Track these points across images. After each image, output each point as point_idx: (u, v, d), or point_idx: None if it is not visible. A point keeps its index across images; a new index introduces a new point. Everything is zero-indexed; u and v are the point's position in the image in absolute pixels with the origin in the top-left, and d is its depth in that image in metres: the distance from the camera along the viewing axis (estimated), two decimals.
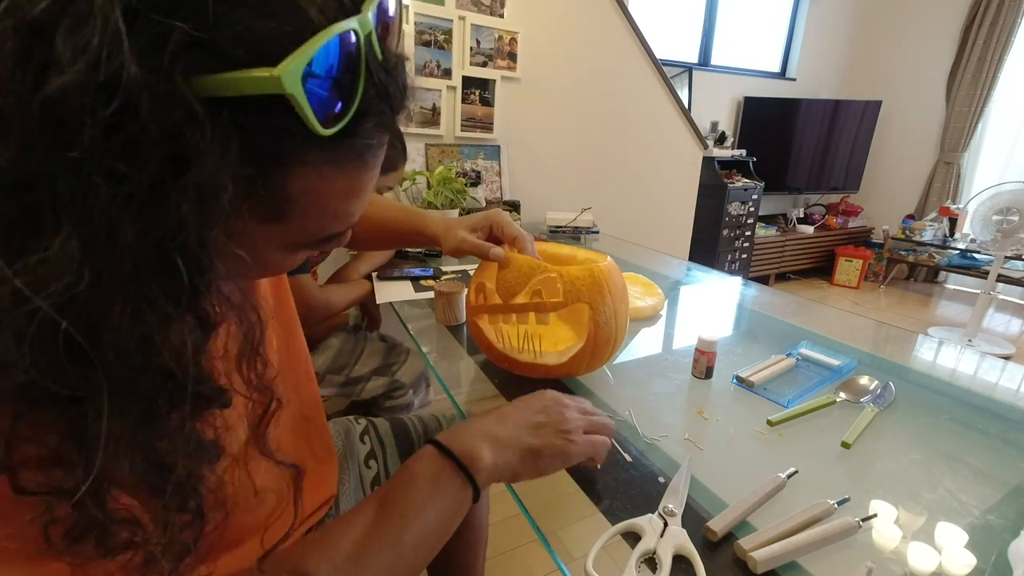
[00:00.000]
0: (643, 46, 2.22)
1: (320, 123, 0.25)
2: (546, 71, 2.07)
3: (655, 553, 0.43)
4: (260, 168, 0.25)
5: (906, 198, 4.11)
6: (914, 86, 3.97)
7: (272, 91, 0.23)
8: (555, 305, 0.66)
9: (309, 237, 0.31)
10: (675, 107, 2.42)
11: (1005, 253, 2.71)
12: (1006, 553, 0.45)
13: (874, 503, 0.50)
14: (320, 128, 0.25)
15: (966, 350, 0.94)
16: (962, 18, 3.63)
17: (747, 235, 3.52)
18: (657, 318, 0.99)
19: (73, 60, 0.19)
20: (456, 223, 0.75)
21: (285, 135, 0.25)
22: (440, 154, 1.94)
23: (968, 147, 3.74)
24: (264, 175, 0.25)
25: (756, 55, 3.90)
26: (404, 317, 0.98)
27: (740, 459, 0.58)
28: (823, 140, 3.86)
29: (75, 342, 0.21)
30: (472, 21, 1.85)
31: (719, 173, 3.36)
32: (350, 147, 0.28)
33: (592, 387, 0.72)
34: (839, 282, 4.02)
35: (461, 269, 1.31)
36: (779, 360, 0.79)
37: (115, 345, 0.22)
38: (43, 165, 0.20)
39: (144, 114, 0.20)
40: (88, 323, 0.21)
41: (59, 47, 0.19)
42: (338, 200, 0.30)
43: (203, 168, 0.22)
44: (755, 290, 1.27)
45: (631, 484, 0.53)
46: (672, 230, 2.66)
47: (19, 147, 0.20)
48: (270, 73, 0.22)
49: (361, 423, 0.80)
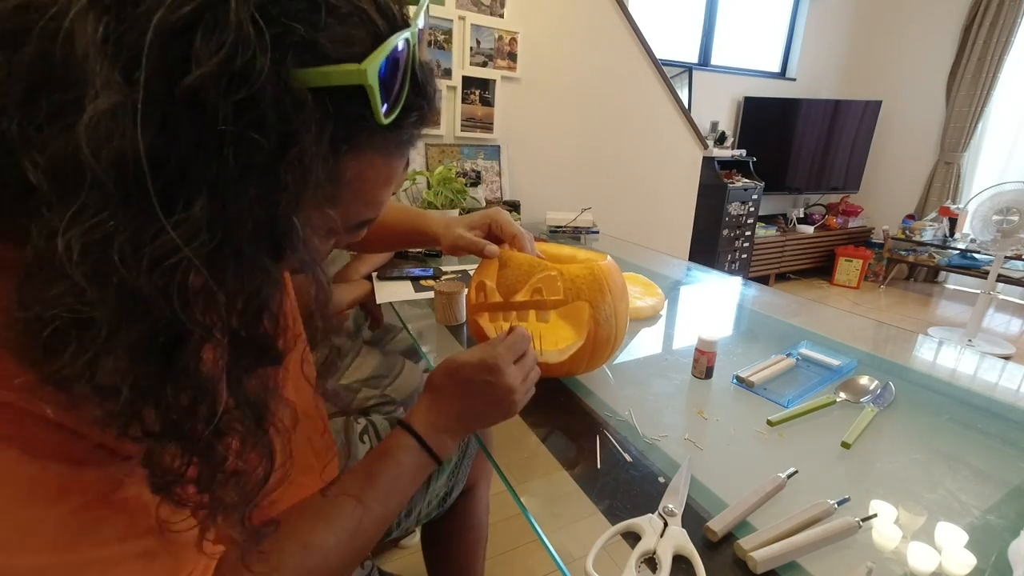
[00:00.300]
0: (643, 46, 2.22)
1: (383, 114, 0.30)
2: (546, 71, 2.07)
3: (655, 553, 0.43)
4: (335, 150, 0.29)
5: (906, 198, 4.11)
6: (914, 86, 3.97)
7: (356, 82, 0.27)
8: (555, 303, 0.66)
9: (348, 221, 0.35)
10: (675, 107, 2.42)
11: (1005, 253, 2.71)
12: (1006, 553, 0.45)
13: (874, 503, 0.50)
14: (383, 118, 0.30)
15: (966, 350, 0.94)
16: (962, 18, 3.63)
17: (747, 235, 3.52)
18: (657, 318, 0.99)
19: (211, 55, 0.23)
20: (455, 221, 0.75)
21: (360, 121, 0.30)
22: (440, 154, 1.94)
23: (968, 147, 3.74)
24: (335, 158, 0.30)
25: (756, 55, 3.90)
26: (404, 317, 0.98)
27: (740, 459, 0.58)
28: (823, 140, 3.86)
29: (209, 290, 0.26)
30: (472, 21, 1.85)
31: (719, 173, 3.35)
32: (395, 138, 0.33)
33: (592, 387, 0.72)
34: (839, 282, 4.02)
35: (461, 269, 1.31)
36: (779, 360, 0.79)
37: (230, 295, 0.27)
38: (183, 141, 0.24)
39: (266, 99, 0.24)
40: (213, 274, 0.26)
41: (198, 45, 0.23)
42: (377, 187, 0.34)
43: (304, 145, 0.26)
44: (755, 290, 1.27)
45: (631, 484, 0.53)
46: (672, 230, 2.66)
47: (160, 127, 0.23)
48: (357, 68, 0.27)
49: (361, 423, 0.81)
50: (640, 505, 0.49)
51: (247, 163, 0.25)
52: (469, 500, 0.91)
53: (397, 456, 0.48)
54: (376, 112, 0.29)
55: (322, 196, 0.30)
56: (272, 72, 0.24)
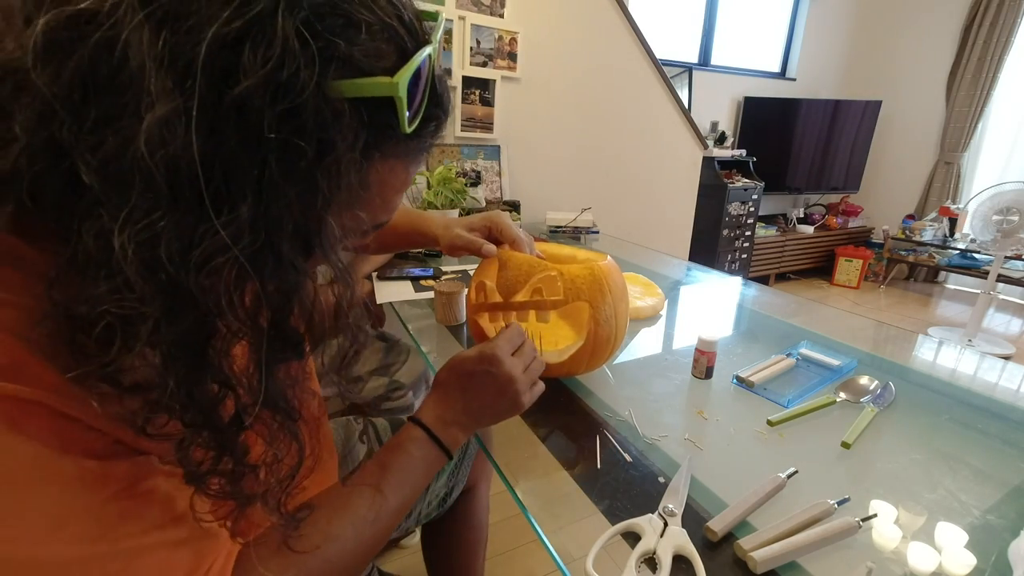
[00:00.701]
0: (643, 46, 2.22)
1: (407, 123, 0.31)
2: (546, 71, 2.06)
3: (655, 553, 0.43)
4: (368, 157, 0.31)
5: (906, 198, 4.11)
6: (914, 86, 3.97)
7: (387, 94, 0.29)
8: (555, 303, 0.66)
9: (364, 225, 0.36)
10: (675, 107, 2.42)
11: (1005, 253, 2.71)
12: (1006, 553, 0.45)
13: (874, 503, 0.50)
14: (407, 127, 0.31)
15: (966, 350, 0.94)
16: (962, 18, 3.63)
17: (747, 235, 3.51)
18: (657, 318, 0.99)
19: (259, 67, 0.24)
20: (455, 222, 0.76)
21: (387, 130, 0.31)
22: (440, 154, 1.94)
23: (968, 147, 3.74)
24: (368, 164, 0.31)
25: (756, 55, 3.90)
26: (404, 317, 0.98)
27: (740, 459, 0.58)
28: (823, 140, 3.86)
29: (251, 287, 0.28)
30: (472, 21, 1.85)
31: (719, 173, 3.35)
32: (416, 146, 0.35)
33: (592, 387, 0.72)
34: (839, 282, 4.02)
35: (461, 269, 1.31)
36: (779, 360, 0.79)
37: (268, 291, 0.29)
38: (231, 147, 0.25)
39: (308, 109, 0.26)
40: (256, 272, 0.27)
41: (247, 57, 0.24)
42: (393, 191, 0.36)
43: (340, 152, 0.28)
44: (755, 290, 1.27)
45: (631, 484, 0.53)
46: (672, 230, 2.66)
47: (209, 133, 0.24)
48: (390, 80, 0.29)
49: (360, 423, 0.81)
50: (640, 505, 0.49)
51: (289, 168, 0.27)
52: (469, 500, 0.91)
53: (408, 448, 0.49)
54: (402, 121, 0.31)
55: (352, 199, 0.32)
56: (314, 83, 0.26)
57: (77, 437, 0.28)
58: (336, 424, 0.78)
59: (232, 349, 0.30)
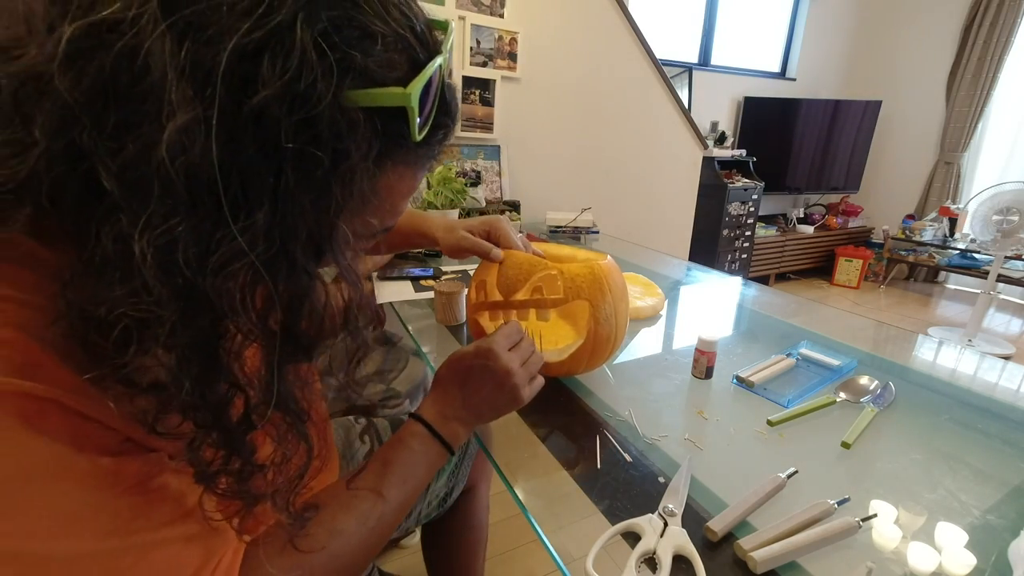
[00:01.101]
0: (643, 46, 2.22)
1: (418, 132, 0.32)
2: (546, 71, 2.06)
3: (655, 553, 0.43)
4: (380, 165, 0.31)
5: (906, 198, 4.11)
6: (914, 86, 3.97)
7: (400, 104, 0.30)
8: (555, 302, 0.66)
9: (373, 229, 0.37)
10: (675, 107, 2.42)
11: (1005, 253, 2.71)
12: (1006, 553, 0.45)
13: (874, 503, 0.50)
14: (417, 135, 0.32)
15: (966, 350, 0.94)
16: (962, 18, 3.63)
17: (747, 235, 3.51)
18: (657, 318, 0.99)
19: (278, 77, 0.25)
20: (456, 224, 0.76)
21: (398, 139, 0.32)
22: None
23: (968, 147, 3.74)
24: (380, 172, 0.32)
25: (756, 55, 3.90)
26: (404, 317, 0.98)
27: (740, 459, 0.58)
28: (823, 140, 3.86)
29: (264, 291, 0.28)
30: (472, 21, 1.85)
31: (719, 173, 3.35)
32: (425, 153, 0.36)
33: (592, 387, 0.72)
34: (839, 282, 4.02)
35: (461, 269, 1.31)
36: (779, 360, 0.79)
37: (281, 296, 0.29)
38: (249, 154, 0.25)
39: (325, 118, 0.27)
40: (271, 276, 0.28)
41: (266, 67, 0.25)
42: (400, 197, 0.37)
43: (355, 160, 0.29)
44: (755, 290, 1.27)
45: (631, 484, 0.53)
46: (672, 230, 2.66)
47: (228, 141, 0.25)
48: (403, 91, 0.30)
49: (361, 423, 0.81)
50: (640, 505, 0.49)
51: (305, 176, 0.27)
52: (469, 500, 0.91)
53: (409, 444, 0.50)
54: (413, 130, 0.32)
55: (364, 205, 0.32)
56: (331, 94, 0.26)
57: (91, 435, 0.29)
58: (337, 424, 0.78)
59: (244, 352, 0.30)
